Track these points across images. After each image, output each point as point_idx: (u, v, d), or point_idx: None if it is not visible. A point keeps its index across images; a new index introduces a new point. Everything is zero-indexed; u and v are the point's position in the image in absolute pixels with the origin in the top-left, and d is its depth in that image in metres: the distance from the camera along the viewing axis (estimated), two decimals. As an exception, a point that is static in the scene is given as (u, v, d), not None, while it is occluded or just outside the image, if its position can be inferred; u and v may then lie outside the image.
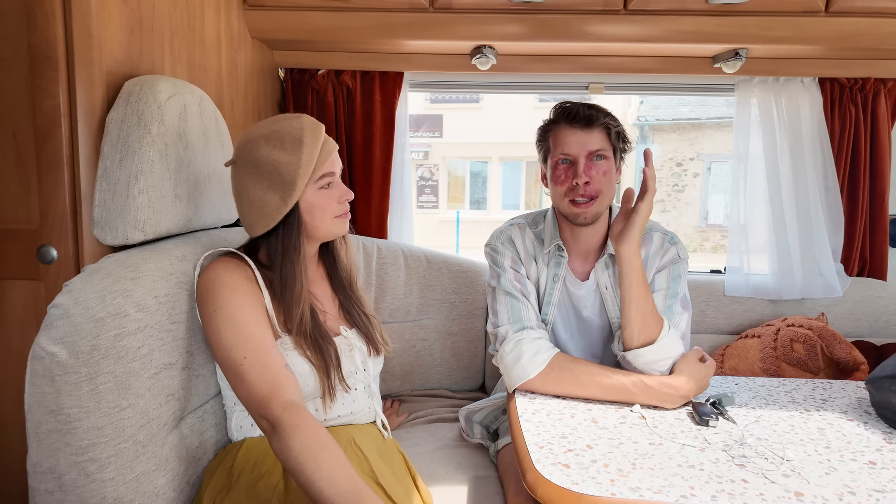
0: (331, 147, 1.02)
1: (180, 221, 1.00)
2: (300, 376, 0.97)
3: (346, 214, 1.06)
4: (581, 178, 1.14)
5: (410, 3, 1.52)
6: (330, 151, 1.01)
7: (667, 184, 11.31)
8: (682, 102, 11.00)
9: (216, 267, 0.94)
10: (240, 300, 0.92)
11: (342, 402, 1.04)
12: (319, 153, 0.99)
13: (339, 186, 1.04)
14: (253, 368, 0.87)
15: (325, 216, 1.02)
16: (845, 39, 1.53)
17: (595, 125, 1.15)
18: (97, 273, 0.82)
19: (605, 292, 1.24)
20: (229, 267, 0.95)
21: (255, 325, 0.91)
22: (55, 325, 0.76)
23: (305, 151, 0.97)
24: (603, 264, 1.23)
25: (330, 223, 1.03)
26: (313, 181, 0.99)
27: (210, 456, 1.00)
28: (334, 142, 1.05)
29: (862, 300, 1.86)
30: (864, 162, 1.84)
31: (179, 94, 0.97)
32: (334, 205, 1.02)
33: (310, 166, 0.97)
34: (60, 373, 0.75)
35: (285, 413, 0.82)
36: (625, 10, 1.52)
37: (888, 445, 0.93)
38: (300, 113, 1.05)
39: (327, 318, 1.08)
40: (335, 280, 1.15)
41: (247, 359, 0.87)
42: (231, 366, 0.88)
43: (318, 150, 0.98)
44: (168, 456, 0.88)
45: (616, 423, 1.00)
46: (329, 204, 1.02)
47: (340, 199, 1.03)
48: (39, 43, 0.89)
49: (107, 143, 0.91)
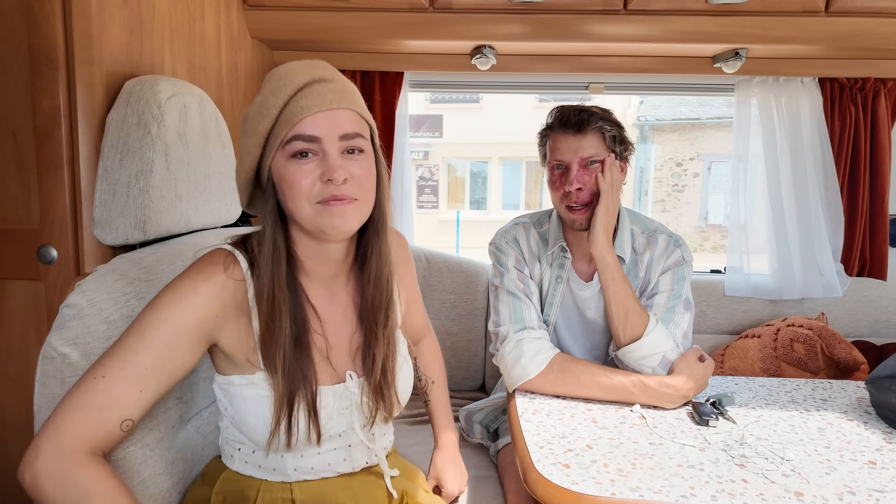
0: (314, 101, 0.72)
1: (181, 221, 1.00)
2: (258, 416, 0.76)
3: (336, 201, 0.73)
4: (573, 185, 1.14)
5: (410, 3, 1.52)
6: (310, 106, 0.71)
7: (667, 184, 11.31)
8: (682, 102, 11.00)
9: (195, 262, 0.77)
10: (171, 316, 0.71)
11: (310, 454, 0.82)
12: (288, 102, 0.72)
13: (328, 160, 0.72)
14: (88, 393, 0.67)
15: (299, 199, 0.73)
16: (845, 39, 1.53)
17: (588, 130, 1.14)
18: (111, 274, 0.82)
19: None
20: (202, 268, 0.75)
21: (154, 357, 0.70)
22: (68, 325, 0.75)
23: (257, 100, 0.74)
24: None
25: (310, 211, 0.74)
26: (278, 144, 0.72)
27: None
28: (336, 95, 0.73)
29: (862, 300, 1.86)
30: (864, 162, 1.84)
31: (179, 94, 0.97)
32: (313, 186, 0.73)
33: (260, 119, 0.72)
34: (71, 375, 0.75)
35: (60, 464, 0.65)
36: (625, 10, 1.52)
37: (888, 445, 0.93)
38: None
39: (332, 353, 0.82)
40: (365, 310, 0.85)
41: (104, 378, 0.68)
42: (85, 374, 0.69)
43: (281, 99, 0.71)
44: (174, 459, 0.88)
45: (616, 423, 1.00)
46: (302, 182, 0.72)
47: (323, 177, 0.72)
48: (39, 43, 0.89)
49: (107, 143, 0.91)
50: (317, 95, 0.72)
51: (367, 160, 0.77)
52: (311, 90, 0.73)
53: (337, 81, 0.76)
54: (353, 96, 0.78)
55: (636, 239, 1.24)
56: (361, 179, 0.75)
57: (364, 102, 0.81)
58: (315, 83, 0.73)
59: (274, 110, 0.72)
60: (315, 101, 0.72)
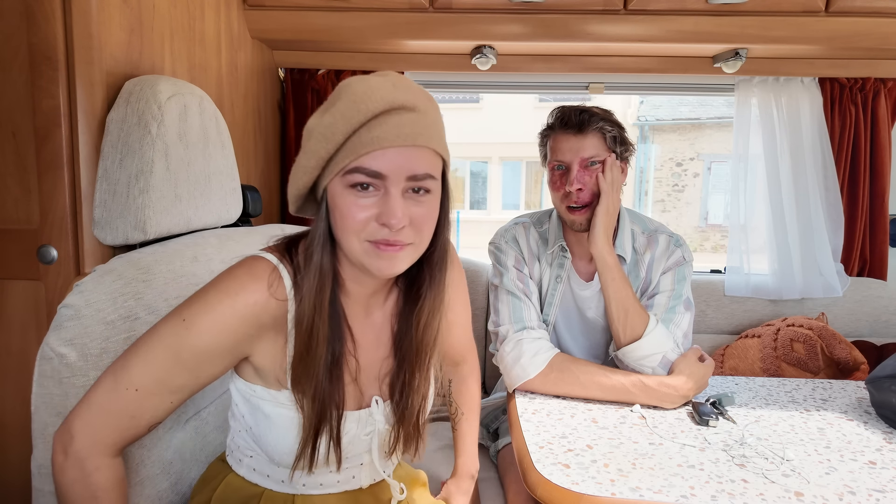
0: (388, 133, 0.63)
1: (181, 221, 1.00)
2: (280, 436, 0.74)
3: (386, 246, 0.67)
4: (573, 186, 1.14)
5: (410, 3, 1.52)
6: (382, 139, 0.63)
7: (667, 184, 11.31)
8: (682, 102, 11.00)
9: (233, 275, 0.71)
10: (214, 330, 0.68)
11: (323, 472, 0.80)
12: (359, 129, 0.64)
13: (389, 201, 0.65)
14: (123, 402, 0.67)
15: (349, 233, 0.67)
16: (845, 39, 1.53)
17: (588, 130, 1.14)
18: (109, 274, 0.82)
19: None
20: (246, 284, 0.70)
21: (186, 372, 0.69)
22: (65, 325, 0.76)
23: (326, 120, 0.65)
24: None
25: (358, 248, 0.68)
26: (339, 170, 0.65)
27: (210, 459, 0.99)
28: (415, 130, 0.65)
29: (862, 300, 1.86)
30: (864, 162, 1.84)
31: (179, 94, 0.97)
32: (366, 224, 0.66)
33: (324, 143, 0.65)
34: (69, 375, 0.75)
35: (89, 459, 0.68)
36: (625, 10, 1.52)
37: (888, 445, 0.93)
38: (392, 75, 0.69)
39: (360, 376, 0.79)
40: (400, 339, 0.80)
41: (137, 391, 0.67)
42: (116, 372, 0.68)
43: (351, 125, 0.63)
44: (172, 459, 0.88)
45: (616, 423, 1.00)
46: (357, 217, 0.66)
47: (380, 218, 0.66)
48: (39, 43, 0.89)
49: (107, 143, 0.91)
50: (392, 128, 0.64)
51: (432, 200, 0.70)
52: (388, 120, 0.64)
53: (419, 111, 0.66)
54: (433, 130, 0.68)
55: (637, 239, 1.24)
56: (421, 223, 0.69)
57: (443, 132, 0.72)
58: (394, 112, 0.64)
59: (340, 136, 0.64)
60: (389, 133, 0.64)
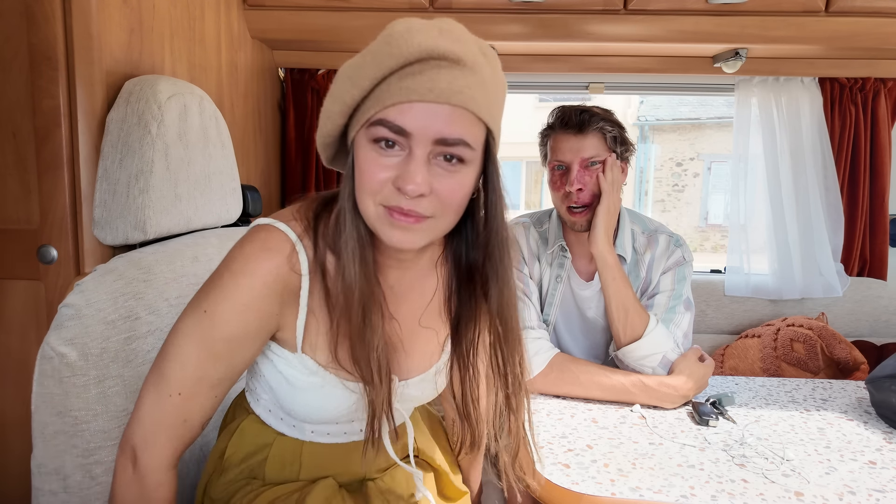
0: (422, 85, 0.56)
1: (181, 221, 1.00)
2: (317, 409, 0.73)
3: (400, 214, 0.60)
4: (573, 186, 1.14)
5: (410, 3, 1.52)
6: (414, 90, 0.56)
7: (667, 184, 11.31)
8: (682, 102, 11.00)
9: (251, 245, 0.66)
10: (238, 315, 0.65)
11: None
12: (389, 75, 0.57)
13: (412, 163, 0.58)
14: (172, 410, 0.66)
15: (365, 193, 0.61)
16: (845, 39, 1.53)
17: (589, 130, 1.14)
18: (109, 274, 0.82)
19: None
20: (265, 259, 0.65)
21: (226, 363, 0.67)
22: (66, 325, 0.76)
23: (356, 60, 0.60)
24: None
25: (373, 211, 0.62)
26: (364, 119, 0.59)
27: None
28: (456, 86, 0.56)
29: (862, 300, 1.86)
30: (864, 162, 1.84)
31: (179, 94, 0.97)
32: (383, 185, 0.60)
33: (350, 86, 0.59)
34: (69, 374, 0.75)
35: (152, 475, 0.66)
36: (625, 10, 1.52)
37: (888, 445, 0.93)
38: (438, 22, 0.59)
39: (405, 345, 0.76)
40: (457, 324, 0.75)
41: (181, 395, 0.66)
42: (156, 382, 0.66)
43: (382, 70, 0.57)
44: None
45: (616, 423, 1.00)
46: (376, 176, 0.60)
47: (397, 181, 0.59)
48: (39, 43, 0.89)
49: (107, 143, 0.91)
50: (426, 80, 0.56)
51: (465, 173, 0.62)
52: (424, 70, 0.56)
53: (466, 66, 0.57)
54: (479, 91, 0.58)
55: (637, 239, 1.24)
56: (448, 197, 0.61)
57: (498, 98, 0.63)
58: (433, 61, 0.56)
59: (367, 82, 0.58)
60: (420, 86, 0.56)
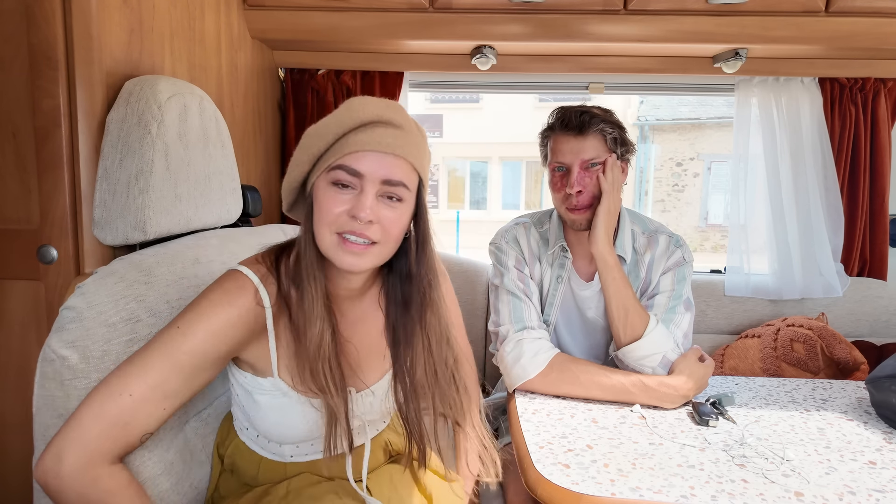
0: (371, 139, 0.73)
1: (181, 221, 1.00)
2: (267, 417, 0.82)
3: (351, 243, 0.74)
4: (573, 188, 1.14)
5: (410, 3, 1.52)
6: (365, 143, 0.73)
7: (667, 184, 11.31)
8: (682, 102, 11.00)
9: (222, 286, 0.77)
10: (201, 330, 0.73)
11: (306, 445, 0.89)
12: (347, 133, 0.74)
13: (362, 198, 0.73)
14: (117, 408, 0.69)
15: (323, 225, 0.75)
16: (845, 39, 1.53)
17: (589, 132, 1.14)
18: (111, 276, 0.82)
19: None
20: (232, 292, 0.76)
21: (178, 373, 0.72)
22: (67, 327, 0.75)
23: (322, 121, 0.76)
24: None
25: (328, 240, 0.75)
26: (325, 166, 0.75)
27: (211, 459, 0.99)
28: (396, 142, 0.74)
29: (862, 300, 1.86)
30: (864, 162, 1.84)
31: (179, 94, 0.97)
32: (339, 217, 0.74)
33: (316, 140, 0.75)
34: (70, 377, 0.75)
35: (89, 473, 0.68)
36: (625, 10, 1.52)
37: (888, 445, 0.93)
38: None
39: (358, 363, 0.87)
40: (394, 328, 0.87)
41: (131, 396, 0.70)
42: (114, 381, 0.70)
43: (342, 128, 0.74)
44: (173, 460, 0.88)
45: (616, 423, 1.00)
46: (333, 210, 0.74)
47: (351, 211, 0.73)
48: (39, 43, 0.89)
49: (107, 143, 0.91)
50: (377, 135, 0.74)
51: (403, 210, 0.77)
52: (374, 129, 0.74)
53: (404, 129, 0.76)
54: (413, 148, 0.77)
55: (637, 239, 1.24)
56: (389, 226, 0.76)
57: (425, 156, 0.81)
58: (380, 124, 0.75)
59: (331, 136, 0.75)
60: (373, 139, 0.73)
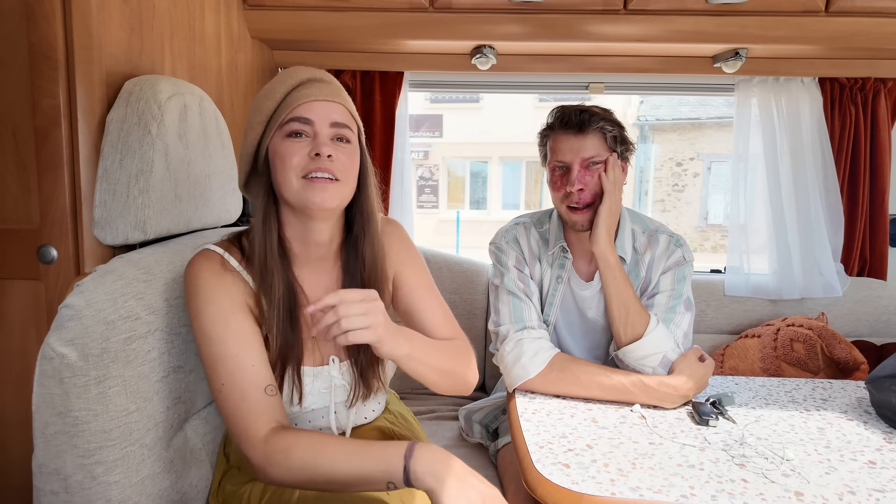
0: (312, 91, 0.84)
1: (181, 221, 1.00)
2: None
3: (321, 178, 0.82)
4: (574, 186, 1.14)
5: (410, 3, 1.52)
6: (309, 94, 0.84)
7: (667, 184, 11.31)
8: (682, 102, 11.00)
9: (192, 266, 0.85)
10: (214, 311, 0.81)
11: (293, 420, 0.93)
12: (291, 91, 0.84)
13: (317, 139, 0.83)
14: (229, 399, 0.79)
15: (288, 172, 0.82)
16: (845, 39, 1.53)
17: (589, 130, 1.14)
18: (109, 274, 0.82)
19: None
20: (204, 266, 0.84)
21: (232, 342, 0.81)
22: (66, 325, 0.76)
23: (266, 86, 0.86)
24: None
25: (296, 184, 0.83)
26: (277, 124, 0.84)
27: (213, 458, 1.00)
28: (332, 90, 0.86)
29: (862, 300, 1.86)
30: (864, 162, 1.84)
31: (179, 93, 0.97)
32: (301, 160, 0.82)
33: (266, 100, 0.84)
34: (69, 375, 0.75)
35: (268, 447, 0.77)
36: (625, 10, 1.52)
37: (888, 445, 0.93)
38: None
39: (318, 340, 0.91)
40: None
41: (224, 385, 0.80)
42: (212, 389, 0.81)
43: (286, 87, 0.84)
44: (173, 458, 0.88)
45: (616, 423, 1.00)
46: (294, 157, 0.82)
47: (312, 152, 0.82)
48: (39, 43, 0.89)
49: (107, 143, 0.91)
50: (315, 88, 0.85)
51: (352, 150, 0.87)
52: (312, 84, 0.86)
53: (333, 84, 0.89)
54: (346, 97, 0.90)
55: (637, 239, 1.24)
56: (345, 163, 0.85)
57: (354, 108, 0.93)
58: (315, 81, 0.87)
59: (279, 95, 0.84)
60: (314, 91, 0.85)
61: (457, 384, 0.93)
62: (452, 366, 0.91)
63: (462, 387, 0.95)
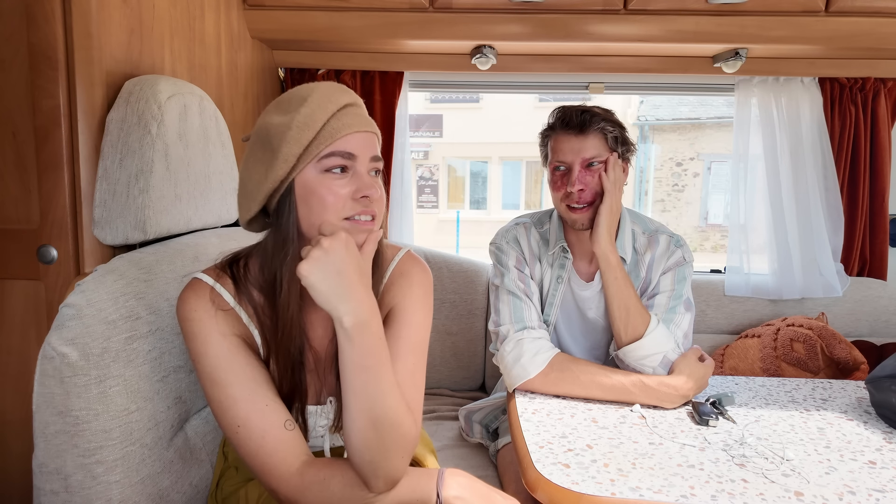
0: (353, 120, 0.76)
1: (180, 221, 1.00)
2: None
3: (363, 222, 0.76)
4: (575, 186, 1.14)
5: (410, 3, 1.52)
6: (351, 125, 0.75)
7: (667, 184, 11.31)
8: (682, 102, 11.00)
9: (183, 303, 0.78)
10: (214, 353, 0.75)
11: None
12: (330, 119, 0.75)
13: (361, 178, 0.75)
14: (250, 440, 0.75)
15: (329, 212, 0.74)
16: (845, 39, 1.53)
17: (590, 130, 1.14)
18: (110, 274, 0.82)
19: None
20: (193, 305, 0.77)
21: (240, 385, 0.75)
22: (67, 325, 0.76)
23: (303, 111, 0.74)
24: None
25: (338, 227, 0.74)
26: (313, 157, 0.74)
27: (213, 458, 1.00)
28: (368, 119, 0.79)
29: (862, 300, 1.86)
30: (864, 162, 1.84)
31: (179, 93, 0.97)
32: (345, 201, 0.74)
33: (305, 130, 0.73)
34: (70, 374, 0.75)
35: (304, 480, 0.74)
36: (625, 10, 1.52)
37: (888, 445, 0.93)
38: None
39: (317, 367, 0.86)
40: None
41: (241, 427, 0.75)
42: (226, 430, 0.76)
43: (326, 114, 0.74)
44: (173, 458, 0.88)
45: (616, 423, 1.00)
46: (334, 196, 0.74)
47: (356, 194, 0.74)
48: (39, 43, 0.89)
49: (107, 143, 0.91)
50: (355, 116, 0.77)
51: (381, 182, 0.80)
52: (349, 111, 0.77)
53: (364, 109, 0.81)
54: (375, 125, 0.82)
55: (637, 239, 1.24)
56: (381, 201, 0.79)
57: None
58: (352, 106, 0.78)
59: (318, 123, 0.74)
60: (354, 122, 0.76)
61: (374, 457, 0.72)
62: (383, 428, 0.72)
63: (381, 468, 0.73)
